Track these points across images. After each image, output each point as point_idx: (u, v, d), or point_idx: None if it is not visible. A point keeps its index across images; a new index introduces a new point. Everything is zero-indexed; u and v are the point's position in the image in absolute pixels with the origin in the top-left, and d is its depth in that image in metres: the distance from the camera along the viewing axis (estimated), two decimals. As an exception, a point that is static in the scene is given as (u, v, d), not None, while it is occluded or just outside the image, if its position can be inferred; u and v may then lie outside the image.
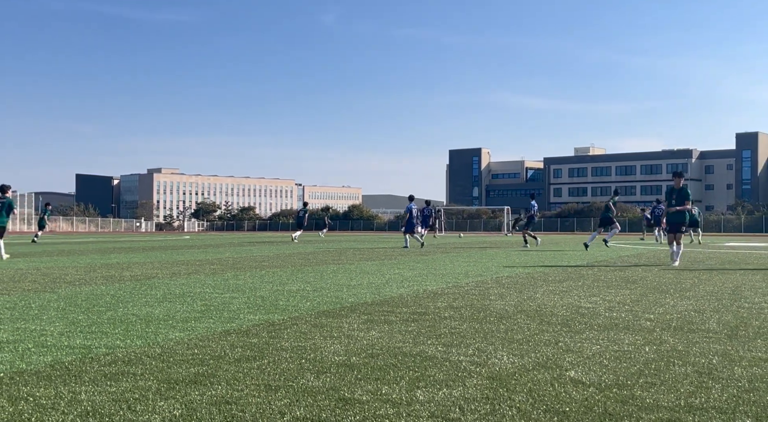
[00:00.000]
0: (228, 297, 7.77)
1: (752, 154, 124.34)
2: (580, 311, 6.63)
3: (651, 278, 10.47)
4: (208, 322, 5.91)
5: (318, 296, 7.93)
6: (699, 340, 5.06)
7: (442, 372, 4.03)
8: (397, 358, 4.41)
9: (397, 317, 6.19)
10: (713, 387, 3.69)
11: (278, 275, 11.12)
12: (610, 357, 4.47)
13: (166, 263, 14.49)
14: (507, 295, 8.02)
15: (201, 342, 4.96)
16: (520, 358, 4.42)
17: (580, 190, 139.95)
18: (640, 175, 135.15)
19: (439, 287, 9.02)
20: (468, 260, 15.68)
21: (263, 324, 5.83)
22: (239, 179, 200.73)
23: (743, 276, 10.87)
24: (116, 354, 4.56)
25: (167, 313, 6.47)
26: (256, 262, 14.74)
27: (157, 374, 3.99)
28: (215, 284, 9.47)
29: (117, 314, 6.42)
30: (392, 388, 3.68)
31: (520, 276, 10.99)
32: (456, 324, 5.82)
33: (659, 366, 4.19)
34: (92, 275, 11.12)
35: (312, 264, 13.90)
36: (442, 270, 12.15)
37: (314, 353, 4.58)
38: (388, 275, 11.05)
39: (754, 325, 5.77)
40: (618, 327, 5.64)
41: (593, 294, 8.09)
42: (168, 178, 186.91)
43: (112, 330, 5.53)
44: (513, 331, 5.45)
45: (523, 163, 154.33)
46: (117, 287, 9.06)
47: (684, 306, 6.98)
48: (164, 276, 10.79)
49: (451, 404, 3.39)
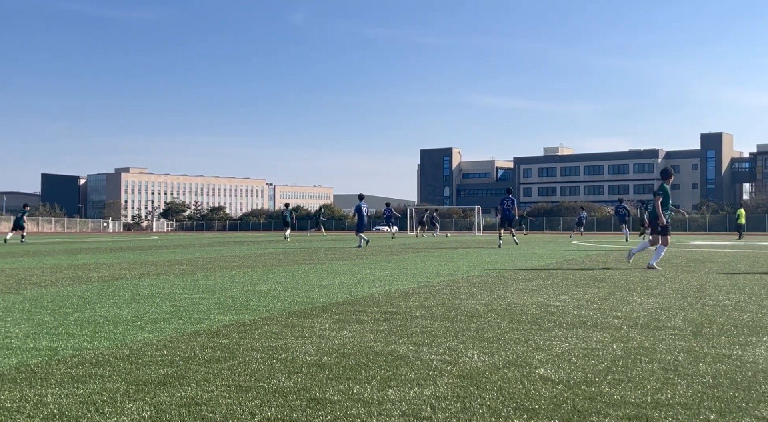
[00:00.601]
0: (198, 298, 7.71)
1: (716, 154, 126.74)
2: (550, 309, 6.70)
3: (618, 277, 10.62)
4: (177, 323, 5.85)
5: (289, 296, 7.90)
6: (665, 337, 5.15)
7: (414, 371, 4.04)
8: (368, 358, 4.42)
9: (369, 316, 6.20)
10: (679, 384, 3.76)
11: (249, 275, 11.06)
12: (578, 354, 4.53)
13: (134, 264, 14.31)
14: (478, 294, 8.07)
15: (170, 344, 4.91)
16: (490, 357, 4.45)
17: (550, 189, 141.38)
18: (607, 174, 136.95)
19: (410, 286, 9.05)
20: (439, 259, 15.75)
21: (234, 324, 5.79)
22: (209, 179, 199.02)
23: (708, 274, 11.08)
24: (83, 355, 4.50)
25: (135, 314, 6.39)
26: (226, 262, 14.64)
27: (126, 376, 3.94)
28: (185, 285, 9.38)
29: (84, 315, 6.33)
30: (364, 388, 3.68)
31: (490, 275, 11.07)
32: (427, 323, 5.85)
33: (626, 363, 4.25)
34: (58, 276, 10.94)
35: (283, 264, 13.84)
36: (414, 270, 12.18)
37: (285, 353, 4.57)
38: (360, 275, 11.05)
39: (718, 322, 5.88)
40: (586, 325, 5.71)
41: (562, 293, 8.18)
42: (136, 177, 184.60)
43: (79, 331, 5.45)
44: (483, 330, 5.49)
45: (493, 163, 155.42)
46: (84, 288, 8.93)
47: (650, 304, 7.09)
48: (132, 277, 10.66)
49: (423, 403, 3.40)
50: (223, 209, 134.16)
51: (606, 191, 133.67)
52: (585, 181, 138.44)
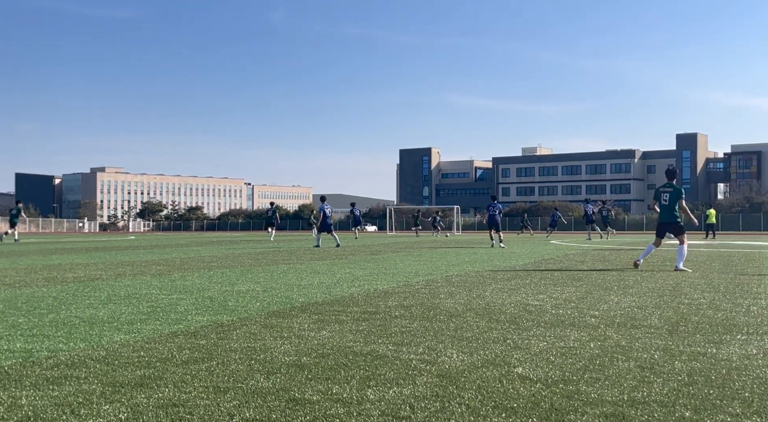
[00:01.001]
0: (175, 299, 7.65)
1: (691, 154, 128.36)
2: (528, 309, 6.74)
3: (596, 276, 10.71)
4: (154, 324, 5.80)
5: (268, 296, 7.87)
6: (641, 336, 5.21)
7: (393, 371, 4.04)
8: (347, 358, 4.41)
9: (348, 316, 6.19)
10: (655, 382, 3.80)
11: (227, 275, 10.99)
12: (556, 353, 4.56)
13: (110, 264, 14.16)
14: (457, 294, 8.10)
15: (147, 345, 4.87)
16: (469, 356, 4.47)
17: (528, 189, 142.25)
18: (585, 174, 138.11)
19: (389, 286, 9.05)
20: (418, 259, 15.77)
21: (212, 325, 5.75)
22: (186, 178, 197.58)
23: (683, 273, 11.22)
24: (59, 357, 4.44)
25: (112, 315, 6.33)
26: (204, 263, 14.54)
27: (102, 377, 3.90)
28: (162, 285, 9.30)
29: (59, 316, 6.25)
30: (343, 388, 3.68)
31: (469, 274, 11.11)
32: (406, 322, 5.86)
33: (603, 362, 4.29)
34: (33, 277, 10.79)
35: (262, 264, 13.78)
36: (393, 270, 12.19)
37: (264, 354, 4.55)
38: (339, 275, 11.03)
39: (693, 321, 5.96)
40: (564, 324, 5.76)
41: (540, 292, 8.24)
42: (112, 177, 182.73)
43: (55, 333, 5.38)
44: (462, 329, 5.51)
45: (472, 163, 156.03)
46: (59, 289, 8.82)
47: (627, 303, 7.16)
48: (108, 278, 10.54)
49: (402, 402, 3.41)
50: (201, 209, 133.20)
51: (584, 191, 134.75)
52: (563, 180, 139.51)
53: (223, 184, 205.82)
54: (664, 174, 13.69)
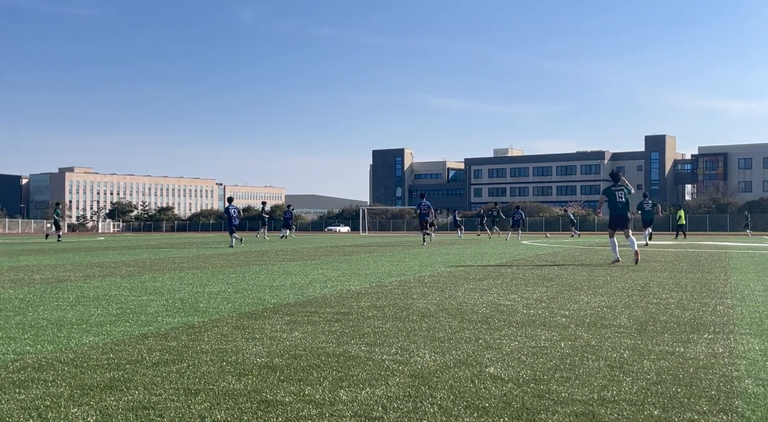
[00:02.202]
0: (145, 300, 7.56)
1: (660, 155, 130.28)
2: (500, 308, 6.79)
3: (566, 276, 10.82)
4: (124, 326, 5.73)
5: (240, 297, 7.82)
6: (611, 335, 5.27)
7: (365, 372, 4.04)
8: (320, 359, 4.40)
9: (321, 317, 6.18)
10: (624, 381, 3.86)
11: (198, 276, 10.89)
12: (527, 353, 4.60)
13: (79, 265, 13.95)
14: (429, 294, 8.12)
15: (117, 347, 4.81)
16: (441, 356, 4.48)
17: (500, 190, 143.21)
18: (556, 175, 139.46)
19: (362, 287, 9.05)
20: (391, 259, 15.79)
21: (182, 326, 5.70)
22: (157, 178, 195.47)
23: (652, 273, 11.39)
24: (26, 360, 4.37)
25: (80, 317, 6.24)
26: (175, 264, 14.39)
27: (70, 380, 3.84)
28: (132, 286, 9.19)
29: (26, 319, 6.14)
30: (315, 389, 3.67)
31: (441, 275, 11.15)
32: (379, 323, 5.86)
33: (574, 361, 4.34)
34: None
35: (233, 266, 13.68)
36: (366, 270, 12.19)
37: (236, 355, 4.52)
38: (312, 275, 11.00)
39: (661, 320, 6.05)
40: (535, 324, 5.80)
41: (512, 292, 8.30)
42: (81, 177, 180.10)
43: (21, 335, 5.28)
44: (435, 329, 5.53)
45: (444, 164, 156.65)
46: (26, 290, 8.66)
47: (597, 303, 7.25)
48: (77, 279, 10.39)
49: (374, 403, 3.41)
50: (172, 209, 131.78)
51: (554, 192, 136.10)
52: (534, 181, 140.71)
53: (195, 184, 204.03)
54: (610, 176, 15.31)
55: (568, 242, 30.67)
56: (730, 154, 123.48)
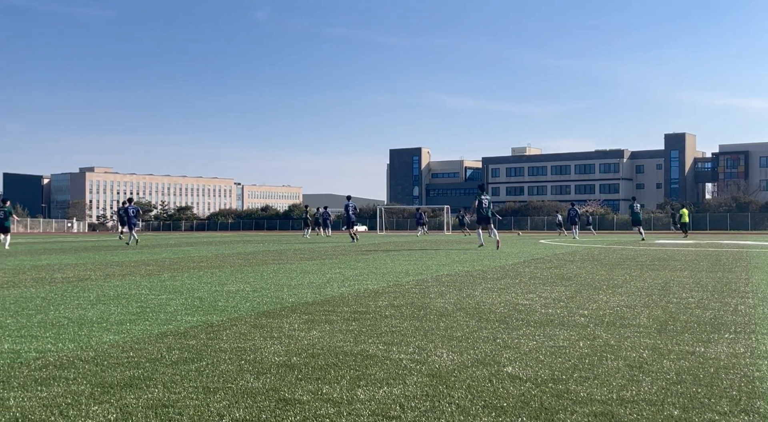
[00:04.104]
0: (165, 299, 7.62)
1: (680, 154, 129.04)
2: (518, 308, 6.76)
3: (585, 275, 10.75)
4: (143, 324, 5.78)
5: (258, 296, 7.85)
6: (630, 335, 5.23)
7: (383, 371, 4.05)
8: (337, 357, 4.41)
9: (338, 316, 6.19)
10: (644, 380, 3.83)
11: (217, 276, 10.96)
12: (545, 352, 4.58)
13: (99, 264, 14.09)
14: (447, 293, 8.11)
15: (136, 345, 4.85)
16: (459, 355, 4.48)
17: (518, 189, 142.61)
18: (574, 174, 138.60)
19: (380, 286, 9.06)
20: (408, 259, 15.79)
21: (201, 325, 5.74)
22: (176, 178, 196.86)
23: (672, 272, 11.29)
24: (47, 358, 4.42)
25: (101, 316, 6.30)
26: (194, 263, 14.49)
27: (91, 378, 3.88)
28: (151, 285, 9.26)
29: (48, 317, 6.22)
30: (333, 388, 3.67)
31: (459, 274, 11.13)
32: (396, 322, 5.86)
33: (593, 361, 4.31)
34: (21, 277, 10.72)
35: (252, 265, 13.75)
36: (383, 269, 12.20)
37: (254, 354, 4.54)
38: (329, 274, 11.02)
39: (681, 320, 6.00)
40: (553, 323, 5.78)
41: (530, 291, 8.26)
42: (101, 177, 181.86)
43: (43, 333, 5.35)
44: (452, 329, 5.52)
45: (462, 163, 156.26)
46: (48, 289, 8.76)
47: (616, 302, 7.20)
48: (98, 278, 10.49)
49: (392, 402, 3.41)
50: (191, 209, 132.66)
51: (573, 191, 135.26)
52: (552, 180, 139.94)
53: (213, 183, 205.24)
54: (479, 188, 21.56)
55: (586, 241, 30.47)
56: (752, 152, 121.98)
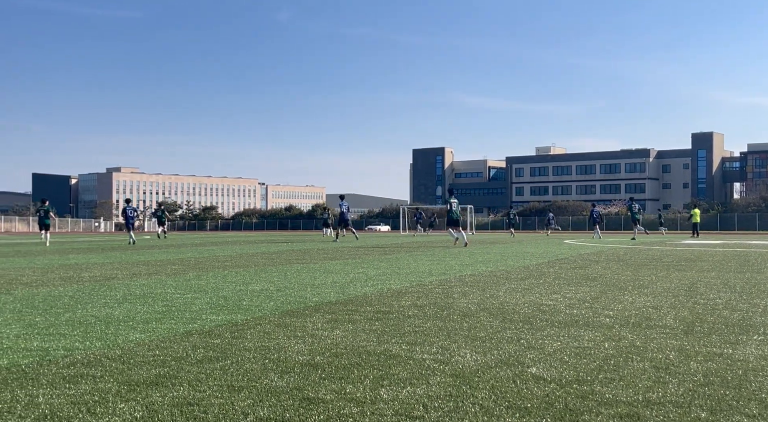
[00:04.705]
0: (190, 298, 7.69)
1: (707, 153, 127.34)
2: (542, 308, 6.72)
3: (610, 275, 10.66)
4: (169, 323, 5.84)
5: (282, 296, 7.89)
6: (656, 336, 5.17)
7: (406, 371, 4.04)
8: (361, 357, 4.42)
9: (362, 316, 6.20)
10: (670, 382, 3.78)
11: (241, 275, 11.03)
12: (570, 353, 4.54)
13: (126, 263, 14.26)
14: (470, 293, 8.08)
15: (162, 344, 4.90)
16: (482, 356, 4.46)
17: (542, 188, 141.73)
18: (599, 174, 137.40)
19: (403, 286, 9.05)
20: (431, 259, 15.76)
21: (226, 324, 5.78)
22: (201, 178, 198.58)
23: (699, 273, 11.14)
24: (75, 356, 4.48)
25: (127, 314, 6.37)
26: (218, 262, 14.61)
27: (117, 376, 3.93)
28: (177, 284, 9.36)
29: (76, 315, 6.31)
30: (356, 387, 3.68)
31: (482, 274, 11.08)
32: (420, 322, 5.85)
33: (618, 362, 4.27)
34: (50, 276, 10.89)
35: (276, 264, 13.82)
36: (406, 269, 12.19)
37: (278, 353, 4.56)
38: (353, 274, 11.04)
39: (709, 321, 5.91)
40: (578, 324, 5.73)
41: (554, 292, 8.21)
42: (128, 177, 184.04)
43: (71, 331, 5.42)
44: (476, 329, 5.50)
45: (485, 163, 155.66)
46: (75, 288, 8.89)
47: (642, 303, 7.12)
48: (124, 277, 10.62)
49: (415, 402, 3.41)
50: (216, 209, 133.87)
51: (598, 190, 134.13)
52: (577, 180, 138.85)
53: (237, 183, 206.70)
54: (448, 192, 24.41)
55: (611, 241, 30.19)
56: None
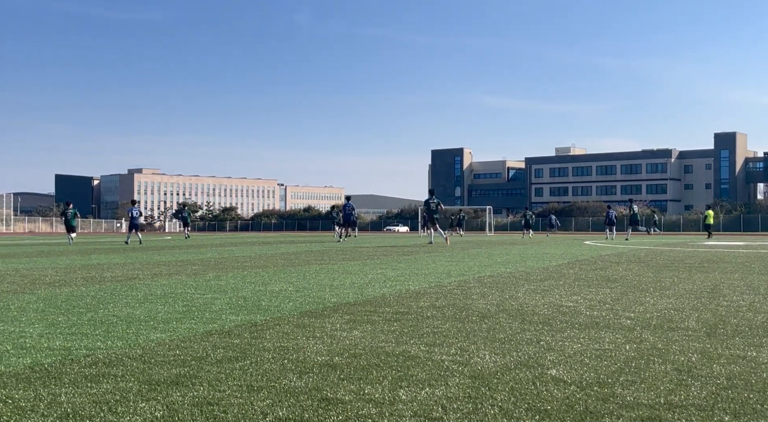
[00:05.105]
0: (210, 298, 7.74)
1: (730, 153, 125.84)
2: (562, 310, 6.67)
3: (631, 277, 10.56)
4: (189, 323, 5.88)
5: (300, 296, 7.91)
6: (678, 338, 5.12)
7: (425, 372, 4.03)
8: (379, 358, 4.42)
9: (380, 317, 6.20)
10: (692, 385, 3.74)
11: (260, 275, 11.08)
12: (591, 355, 4.51)
13: (147, 264, 14.38)
14: (489, 294, 8.05)
15: (182, 343, 4.93)
16: (502, 357, 4.44)
17: (561, 189, 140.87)
18: (620, 174, 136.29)
19: (421, 287, 9.04)
20: (450, 260, 15.72)
21: (245, 324, 5.81)
22: (221, 179, 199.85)
23: (722, 274, 11.00)
24: (97, 355, 4.52)
25: (148, 314, 6.42)
26: (238, 263, 14.68)
27: (138, 375, 3.96)
28: (197, 285, 9.42)
29: (97, 315, 6.37)
30: (375, 388, 3.68)
31: (501, 275, 11.04)
32: (438, 323, 5.84)
33: (639, 365, 4.23)
34: (72, 276, 11.01)
35: (294, 265, 13.87)
36: (425, 270, 12.17)
37: (297, 353, 4.57)
38: (371, 275, 11.05)
39: (732, 323, 5.84)
40: (599, 326, 5.68)
41: (574, 293, 8.15)
42: (149, 178, 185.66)
43: (93, 331, 5.48)
44: (495, 330, 5.47)
45: (504, 163, 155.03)
46: (97, 288, 8.98)
47: (664, 305, 7.05)
48: (145, 277, 10.71)
49: (434, 403, 3.40)
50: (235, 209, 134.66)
51: (618, 191, 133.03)
52: (597, 181, 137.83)
53: (257, 184, 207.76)
54: (429, 192, 26.88)
55: (632, 242, 29.93)
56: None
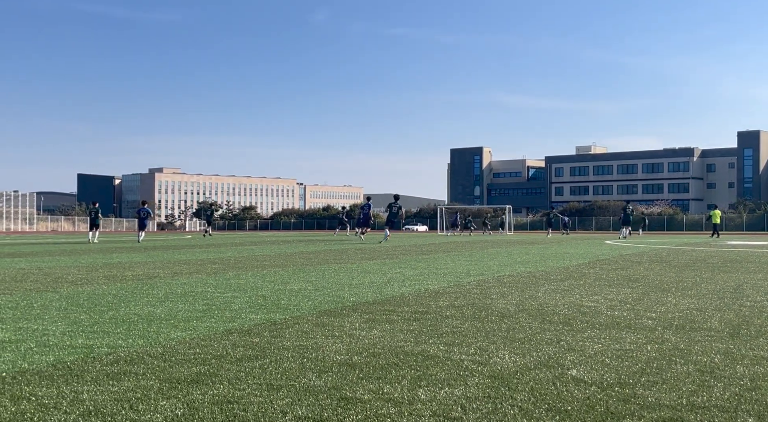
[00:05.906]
0: (230, 297, 7.78)
1: (754, 152, 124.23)
2: (582, 310, 6.63)
3: (653, 277, 10.46)
4: (209, 322, 5.91)
5: (320, 295, 7.93)
6: (701, 339, 5.06)
7: (444, 371, 4.02)
8: (398, 357, 4.41)
9: (399, 316, 6.19)
10: (715, 386, 3.69)
11: (280, 274, 11.12)
12: (611, 355, 4.47)
13: (167, 263, 14.50)
14: (509, 294, 8.02)
15: (203, 342, 4.96)
16: (521, 357, 4.42)
17: (582, 188, 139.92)
18: (641, 173, 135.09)
19: (440, 286, 9.02)
20: (469, 259, 15.68)
21: (265, 323, 5.83)
22: (240, 178, 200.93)
23: (745, 274, 10.87)
24: (118, 353, 4.57)
25: (169, 313, 6.47)
26: (257, 262, 14.75)
27: (159, 373, 3.99)
28: (217, 283, 9.47)
29: (119, 313, 6.43)
30: (394, 387, 3.68)
31: (521, 275, 10.99)
32: (457, 323, 5.82)
33: (661, 365, 4.19)
34: (94, 275, 11.13)
35: (314, 264, 13.90)
36: (444, 270, 12.15)
37: (316, 352, 4.58)
38: (390, 274, 11.04)
39: (756, 324, 5.76)
40: (620, 326, 5.64)
41: (595, 293, 8.09)
42: (169, 177, 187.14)
43: (114, 329, 5.53)
44: (515, 330, 5.45)
45: (524, 162, 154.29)
46: (119, 287, 9.07)
47: (686, 305, 6.98)
48: (166, 276, 10.79)
49: (453, 403, 3.39)
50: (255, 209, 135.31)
51: (640, 190, 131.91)
52: (618, 180, 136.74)
53: (276, 184, 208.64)
54: (394, 197, 29.63)
55: (652, 242, 29.65)
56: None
